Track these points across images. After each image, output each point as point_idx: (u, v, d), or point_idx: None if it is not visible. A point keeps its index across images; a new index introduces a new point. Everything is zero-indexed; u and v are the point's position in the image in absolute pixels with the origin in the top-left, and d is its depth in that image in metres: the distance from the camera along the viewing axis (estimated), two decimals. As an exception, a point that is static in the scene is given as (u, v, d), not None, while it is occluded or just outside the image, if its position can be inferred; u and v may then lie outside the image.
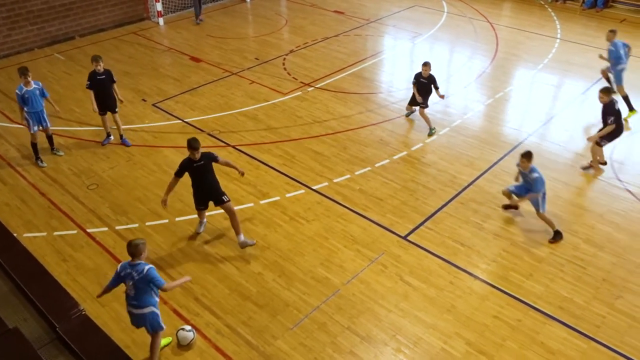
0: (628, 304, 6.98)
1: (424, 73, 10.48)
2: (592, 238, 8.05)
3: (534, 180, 7.78)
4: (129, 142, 10.35)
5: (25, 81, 9.10)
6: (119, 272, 5.70)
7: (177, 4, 17.38)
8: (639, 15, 17.27)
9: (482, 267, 7.56)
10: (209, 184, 7.51)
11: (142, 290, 5.62)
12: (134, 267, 5.62)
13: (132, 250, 5.60)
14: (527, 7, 17.75)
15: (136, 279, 5.57)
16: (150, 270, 5.58)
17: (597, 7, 17.79)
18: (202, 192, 7.56)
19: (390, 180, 9.33)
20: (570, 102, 12.06)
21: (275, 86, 12.65)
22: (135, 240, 5.64)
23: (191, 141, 7.23)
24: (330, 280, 7.34)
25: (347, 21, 16.78)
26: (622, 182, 9.26)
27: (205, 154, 7.41)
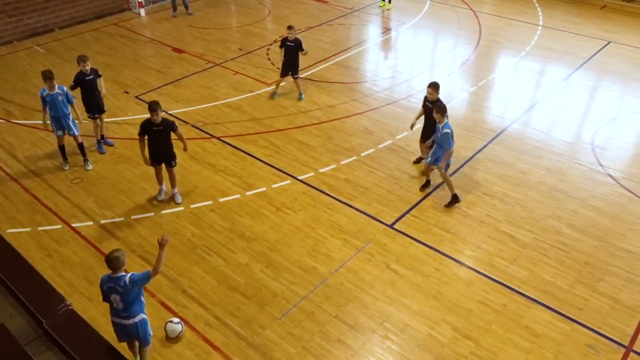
0: (610, 286, 7.13)
1: (290, 37, 10.92)
2: (574, 223, 8.18)
3: (444, 135, 8.00)
4: (111, 142, 10.16)
5: (50, 85, 8.70)
6: (102, 288, 5.43)
7: (158, -6, 17.16)
8: (619, 2, 17.44)
9: (467, 254, 7.65)
10: (163, 147, 8.23)
11: (130, 301, 5.38)
12: (116, 281, 5.31)
13: (114, 264, 5.25)
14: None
15: (121, 292, 5.31)
16: (131, 277, 5.30)
17: (578, -7, 17.90)
18: (156, 152, 8.26)
19: (375, 169, 9.37)
20: (552, 89, 12.18)
21: (260, 76, 12.59)
22: (114, 253, 5.27)
23: (151, 103, 7.81)
24: (318, 269, 7.38)
25: (331, 10, 16.71)
26: (603, 167, 9.41)
27: (167, 121, 8.07)
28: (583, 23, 15.76)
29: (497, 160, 9.61)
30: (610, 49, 14.06)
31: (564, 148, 9.97)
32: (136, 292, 5.40)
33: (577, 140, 10.25)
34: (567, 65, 13.16)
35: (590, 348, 6.30)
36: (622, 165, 9.50)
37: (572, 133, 10.48)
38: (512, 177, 9.16)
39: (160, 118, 7.89)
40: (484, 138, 10.25)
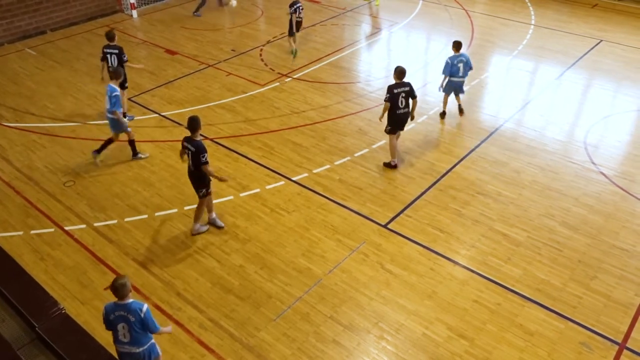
0: (603, 284, 7.16)
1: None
2: (567, 221, 8.22)
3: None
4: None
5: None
6: (107, 317, 5.11)
7: (150, -5, 17.11)
8: (610, 0, 17.53)
9: (461, 253, 7.67)
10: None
11: (138, 334, 5.13)
12: (125, 308, 5.02)
13: (122, 292, 4.98)
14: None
15: (132, 321, 5.02)
16: (147, 314, 5.06)
17: (570, -8, 17.99)
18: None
19: (369, 169, 9.38)
20: (545, 88, 12.22)
21: (253, 77, 12.57)
22: (120, 280, 4.98)
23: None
24: (312, 270, 7.37)
25: (324, 11, 16.71)
26: (596, 165, 9.45)
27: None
28: (575, 22, 15.83)
29: (491, 160, 9.63)
30: (602, 48, 14.13)
31: (557, 147, 10.00)
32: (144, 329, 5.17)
33: (570, 139, 10.28)
34: (560, 64, 13.21)
35: (584, 346, 6.32)
36: (615, 163, 9.55)
37: (565, 132, 10.52)
38: (506, 176, 9.19)
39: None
40: (477, 137, 10.27)
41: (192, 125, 7.28)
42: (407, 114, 9.13)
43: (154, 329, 5.20)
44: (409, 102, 9.02)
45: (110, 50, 10.29)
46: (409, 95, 8.96)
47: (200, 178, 7.47)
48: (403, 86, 8.92)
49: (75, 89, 12.11)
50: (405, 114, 9.12)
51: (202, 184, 7.55)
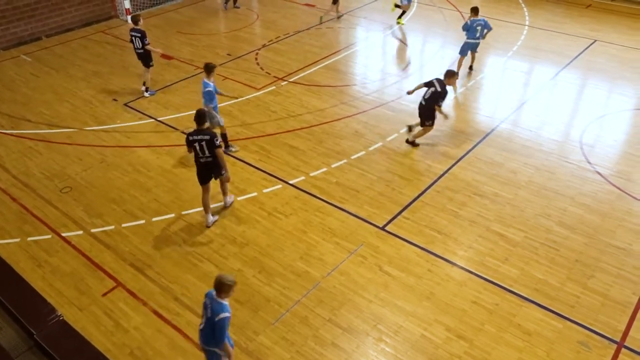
0: (600, 283, 7.18)
1: None
2: (564, 220, 8.24)
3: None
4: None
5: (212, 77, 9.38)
6: (204, 301, 5.28)
7: (145, 1, 17.11)
8: (603, 0, 17.62)
9: (459, 254, 7.68)
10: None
11: (209, 332, 5.19)
12: (212, 303, 5.11)
13: (217, 285, 5.08)
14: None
15: (209, 316, 5.13)
16: (222, 321, 5.04)
17: (564, -7, 18.11)
18: None
19: (366, 171, 9.39)
20: (540, 88, 12.27)
21: (249, 81, 12.58)
22: (225, 277, 5.10)
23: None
24: (310, 273, 7.37)
25: (319, 14, 16.72)
26: (591, 165, 9.48)
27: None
28: (569, 22, 15.90)
29: (487, 160, 9.66)
30: (596, 48, 14.20)
31: (552, 147, 10.04)
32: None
33: (566, 139, 10.32)
34: (554, 64, 13.27)
35: (582, 345, 6.34)
36: (610, 163, 9.59)
37: (561, 132, 10.56)
38: (502, 177, 9.21)
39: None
40: (473, 138, 10.30)
41: (201, 118, 7.66)
42: (424, 106, 9.79)
43: (221, 338, 5.13)
44: (432, 101, 9.65)
45: (134, 33, 11.31)
46: (435, 96, 9.63)
47: (217, 164, 7.77)
48: (438, 83, 9.66)
49: (71, 94, 12.11)
50: (422, 106, 9.82)
51: (220, 168, 7.83)
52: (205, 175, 7.92)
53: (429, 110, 9.69)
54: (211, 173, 7.92)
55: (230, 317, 5.10)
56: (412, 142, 10.04)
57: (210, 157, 7.68)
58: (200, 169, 7.89)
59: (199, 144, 7.59)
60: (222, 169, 7.83)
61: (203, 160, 7.74)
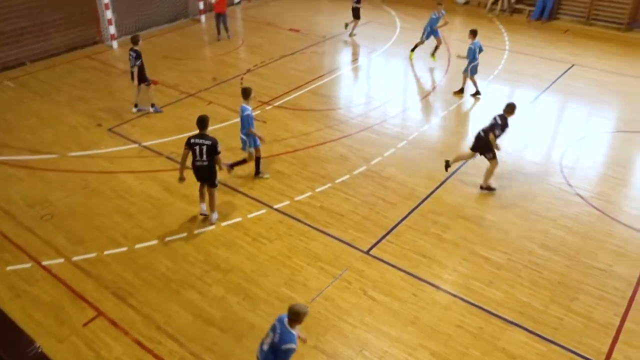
0: (583, 304, 7.23)
1: None
2: (546, 242, 8.32)
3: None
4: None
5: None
6: (274, 323, 5.33)
7: (131, 26, 17.19)
8: (580, 26, 18.11)
9: (443, 278, 7.70)
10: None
11: (271, 357, 5.22)
12: (282, 330, 5.16)
13: (292, 315, 5.14)
14: (476, 20, 18.31)
15: (275, 341, 5.17)
16: (288, 352, 5.14)
17: (543, 18, 18.56)
18: None
19: (350, 195, 9.43)
20: (521, 112, 12.44)
21: (234, 105, 12.61)
22: (301, 306, 5.18)
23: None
24: (295, 299, 7.32)
25: (303, 39, 16.96)
26: (572, 187, 9.61)
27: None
28: (547, 47, 16.28)
29: (471, 183, 9.75)
30: (574, 72, 14.53)
31: (534, 169, 10.18)
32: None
33: (547, 161, 10.48)
34: (535, 88, 13.53)
35: (566, 368, 6.35)
36: (590, 185, 9.73)
37: (542, 154, 10.73)
38: (486, 200, 9.30)
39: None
40: (456, 161, 10.39)
41: (204, 123, 8.15)
42: (483, 138, 9.39)
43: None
44: (488, 132, 9.33)
45: (131, 52, 11.67)
46: (491, 127, 9.34)
47: (214, 170, 8.29)
48: (497, 119, 9.39)
49: (55, 120, 12.05)
50: (482, 138, 9.42)
51: (215, 175, 8.39)
52: (199, 178, 8.52)
53: (487, 141, 9.23)
54: (204, 179, 8.47)
55: (295, 349, 5.18)
56: (488, 187, 9.47)
57: (206, 162, 8.16)
58: (195, 171, 8.40)
59: (199, 147, 8.10)
60: (215, 179, 8.43)
61: (199, 163, 8.21)
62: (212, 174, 8.34)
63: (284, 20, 18.78)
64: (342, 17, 19.04)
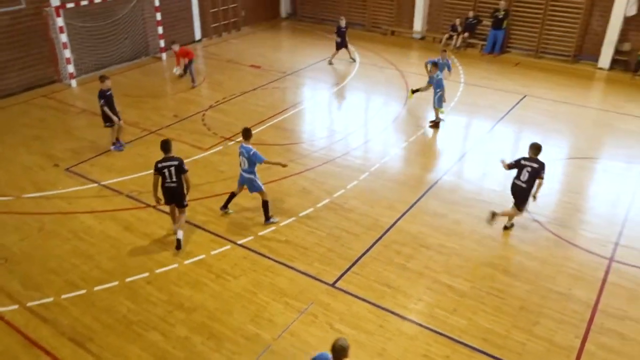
0: (545, 328, 7.36)
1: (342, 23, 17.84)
2: (507, 268, 8.49)
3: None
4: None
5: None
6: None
7: (90, 65, 17.07)
8: (530, 59, 18.99)
9: (409, 307, 7.73)
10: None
11: None
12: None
13: (338, 351, 5.23)
14: (432, 54, 18.89)
15: None
16: None
17: (495, 52, 19.40)
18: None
19: (315, 228, 9.44)
20: (478, 141, 12.89)
21: (196, 142, 12.61)
22: (343, 341, 5.27)
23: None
24: (261, 336, 7.21)
25: (265, 75, 17.18)
26: (530, 213, 9.89)
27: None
28: (500, 79, 16.97)
29: (431, 212, 9.93)
30: (527, 102, 15.15)
31: (492, 196, 10.46)
32: None
33: (504, 189, 10.72)
34: (490, 118, 14.01)
35: (532, 393, 6.41)
36: (547, 210, 10.05)
37: (499, 182, 11.02)
38: (447, 228, 9.47)
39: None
40: (417, 191, 10.60)
41: (168, 145, 8.62)
42: (524, 189, 8.90)
43: None
44: (533, 180, 8.84)
45: (100, 93, 11.64)
46: (535, 173, 8.82)
47: (183, 189, 8.72)
48: (533, 162, 8.88)
49: (8, 161, 11.73)
50: (522, 189, 8.91)
51: (184, 195, 8.82)
52: (169, 199, 8.84)
53: (529, 191, 8.91)
54: (174, 199, 8.83)
55: None
56: (512, 226, 9.42)
57: (176, 183, 8.60)
58: (164, 192, 8.75)
59: (168, 170, 8.53)
60: (184, 200, 8.83)
61: (168, 184, 8.63)
62: (182, 194, 8.76)
63: (245, 57, 19.02)
64: (302, 53, 19.51)
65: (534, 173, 8.82)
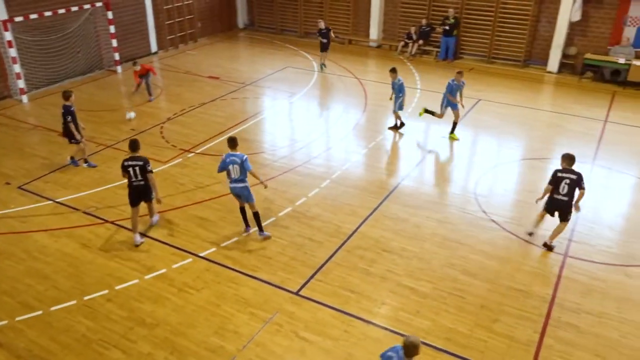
0: (505, 325, 7.55)
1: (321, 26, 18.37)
2: (467, 268, 8.68)
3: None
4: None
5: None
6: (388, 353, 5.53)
7: (42, 80, 16.61)
8: (483, 64, 19.57)
9: (373, 311, 7.79)
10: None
11: None
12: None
13: (410, 348, 5.31)
14: (389, 62, 19.23)
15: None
16: None
17: (449, 59, 19.89)
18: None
19: (277, 237, 9.42)
20: (436, 146, 13.17)
21: (154, 155, 12.40)
22: (414, 339, 5.34)
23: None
24: (225, 348, 7.13)
25: (223, 86, 17.10)
26: (487, 214, 10.16)
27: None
28: (455, 84, 17.36)
29: (393, 217, 10.06)
30: (481, 106, 15.58)
31: (451, 199, 10.69)
32: None
33: (462, 191, 11.04)
34: (447, 123, 14.29)
35: (495, 389, 6.55)
36: (503, 210, 10.34)
37: (457, 185, 11.30)
38: (408, 232, 9.61)
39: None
40: (378, 197, 10.73)
41: (135, 145, 8.93)
42: (567, 202, 8.74)
43: None
44: (573, 191, 8.66)
45: (65, 109, 11.33)
46: (574, 184, 8.62)
47: (147, 188, 9.00)
48: (570, 173, 8.70)
49: (-43, 181, 11.27)
50: (565, 202, 8.75)
51: (151, 191, 9.09)
52: (136, 198, 9.04)
53: (571, 203, 8.75)
54: (142, 197, 9.08)
55: None
56: (550, 247, 9.14)
57: (142, 181, 8.86)
58: (131, 191, 8.98)
59: (133, 169, 8.79)
60: (151, 193, 9.08)
61: (135, 183, 8.89)
62: (148, 191, 9.04)
63: (203, 68, 18.89)
64: (260, 63, 19.52)
65: (573, 184, 8.61)
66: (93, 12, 17.68)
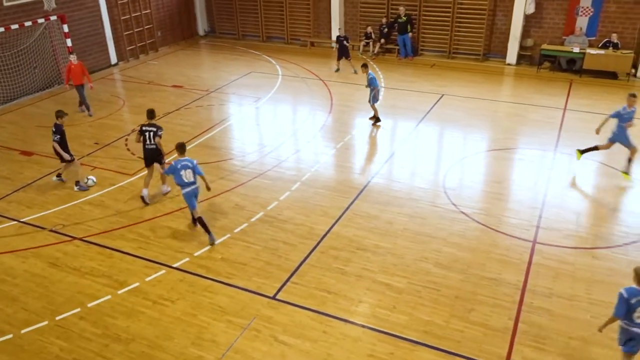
0: (480, 314, 7.69)
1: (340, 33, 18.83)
2: (440, 261, 8.81)
3: None
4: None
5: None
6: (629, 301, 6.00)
7: (-2, 97, 16.16)
8: (444, 60, 19.91)
9: (350, 310, 7.83)
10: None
11: None
12: None
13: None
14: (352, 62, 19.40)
15: None
16: None
17: (410, 56, 20.16)
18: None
19: (251, 243, 9.38)
20: (403, 142, 13.33)
21: (121, 168, 12.20)
22: None
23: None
24: (204, 358, 7.06)
25: (187, 94, 16.93)
26: (456, 206, 10.33)
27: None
28: (418, 81, 17.66)
29: (365, 215, 10.14)
30: (445, 101, 15.85)
31: (421, 194, 10.83)
32: None
33: (432, 186, 11.20)
34: (412, 119, 14.53)
35: (473, 377, 6.66)
36: (472, 202, 10.53)
37: (426, 179, 11.45)
38: (380, 229, 9.70)
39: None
40: (349, 196, 10.79)
41: (152, 113, 10.50)
42: None
43: None
44: None
45: (56, 128, 11.12)
46: None
47: (158, 152, 10.42)
48: None
49: None
50: None
51: (162, 155, 10.53)
52: (148, 160, 10.49)
53: None
54: (153, 158, 10.45)
55: None
56: None
57: (154, 145, 10.29)
58: (145, 154, 10.45)
59: (148, 133, 10.23)
60: (161, 155, 10.46)
61: (148, 147, 10.32)
62: (158, 153, 10.40)
63: (165, 77, 18.67)
64: (224, 69, 19.41)
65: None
66: (48, 26, 17.27)
